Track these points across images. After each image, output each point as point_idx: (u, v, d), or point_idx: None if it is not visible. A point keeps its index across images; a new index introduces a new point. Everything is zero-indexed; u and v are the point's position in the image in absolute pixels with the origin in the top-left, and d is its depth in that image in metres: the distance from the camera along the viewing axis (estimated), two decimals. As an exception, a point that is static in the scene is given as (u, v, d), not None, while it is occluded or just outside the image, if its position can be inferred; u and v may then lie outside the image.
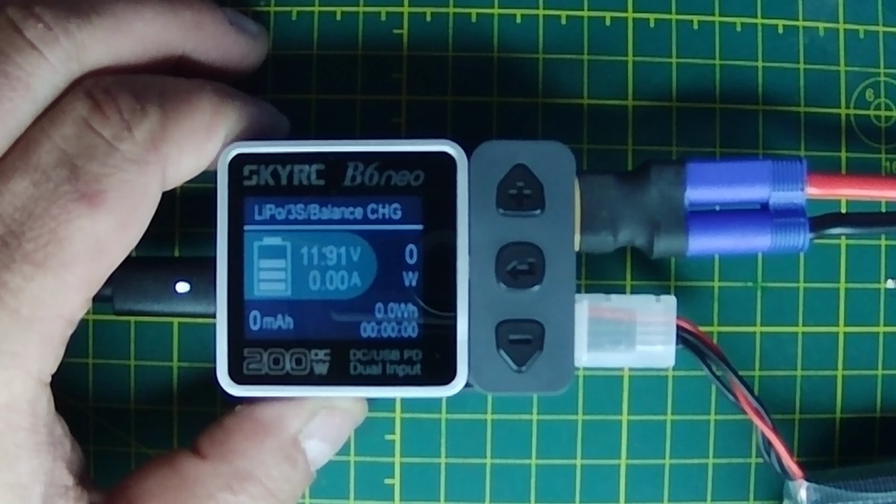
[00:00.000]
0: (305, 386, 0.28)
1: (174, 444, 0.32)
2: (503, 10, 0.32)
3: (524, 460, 0.32)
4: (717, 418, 0.32)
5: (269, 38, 0.32)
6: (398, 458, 0.32)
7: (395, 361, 0.28)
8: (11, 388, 0.26)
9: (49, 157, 0.26)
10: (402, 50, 0.32)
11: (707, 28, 0.32)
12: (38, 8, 0.27)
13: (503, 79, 0.32)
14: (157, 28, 0.28)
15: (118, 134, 0.26)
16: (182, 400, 0.32)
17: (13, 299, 0.26)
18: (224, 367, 0.28)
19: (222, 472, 0.28)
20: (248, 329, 0.28)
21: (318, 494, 0.32)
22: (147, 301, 0.29)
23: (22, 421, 0.26)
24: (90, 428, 0.32)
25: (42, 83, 0.27)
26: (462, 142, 0.28)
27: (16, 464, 0.27)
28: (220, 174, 0.28)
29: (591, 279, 0.32)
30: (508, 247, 0.28)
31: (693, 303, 0.32)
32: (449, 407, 0.32)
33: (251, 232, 0.28)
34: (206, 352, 0.32)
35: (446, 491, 0.32)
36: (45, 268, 0.26)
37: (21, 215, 0.26)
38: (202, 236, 0.31)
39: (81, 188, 0.26)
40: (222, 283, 0.28)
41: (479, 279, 0.28)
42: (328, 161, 0.28)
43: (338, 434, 0.30)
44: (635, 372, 0.32)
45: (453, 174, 0.28)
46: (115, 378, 0.32)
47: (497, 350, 0.28)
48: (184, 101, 0.27)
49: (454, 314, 0.28)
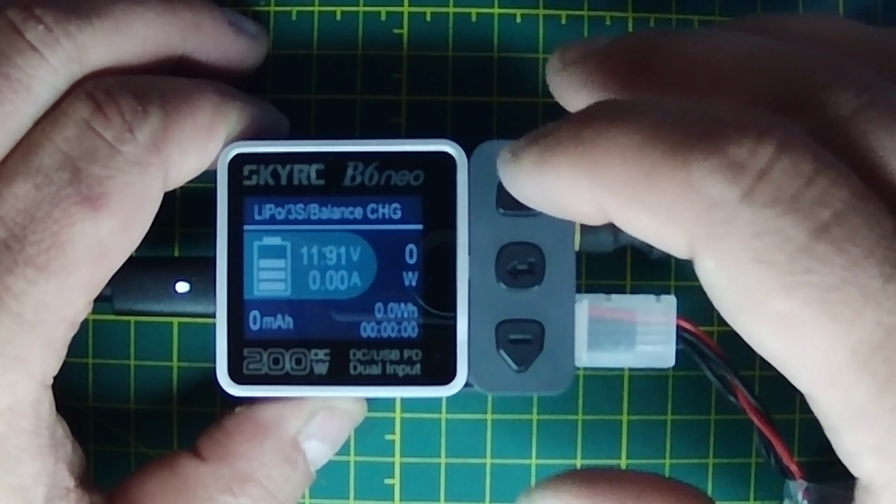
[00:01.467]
0: (305, 386, 0.28)
1: (174, 444, 0.32)
2: (503, 10, 0.32)
3: (524, 460, 0.32)
4: (717, 418, 0.32)
5: (269, 38, 0.32)
6: (398, 458, 0.32)
7: (394, 361, 0.28)
8: (15, 392, 0.26)
9: (51, 159, 0.26)
10: (402, 50, 0.32)
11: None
12: (38, 10, 0.27)
13: (503, 79, 0.32)
14: (157, 29, 0.28)
15: (120, 136, 0.26)
16: (182, 400, 0.32)
17: (16, 303, 0.26)
18: (224, 367, 0.28)
19: (222, 474, 0.28)
20: (248, 329, 0.28)
21: (318, 494, 0.32)
22: (147, 301, 0.29)
23: (25, 424, 0.27)
24: (90, 428, 0.32)
25: (43, 85, 0.27)
26: (462, 142, 0.28)
27: (18, 466, 0.27)
28: (220, 174, 0.28)
29: (591, 279, 0.32)
30: (508, 247, 0.28)
31: (693, 303, 0.31)
32: (449, 407, 0.32)
33: (251, 232, 0.28)
34: (206, 352, 0.32)
35: (446, 491, 0.32)
36: (47, 271, 0.26)
37: (23, 218, 0.26)
38: (202, 236, 0.31)
39: (83, 191, 0.26)
40: (222, 283, 0.28)
41: (479, 279, 0.28)
42: (328, 161, 0.28)
43: (337, 434, 0.30)
44: (635, 372, 0.32)
45: (453, 174, 0.28)
46: (115, 378, 0.32)
47: (497, 350, 0.28)
48: (185, 101, 0.27)
49: (454, 314, 0.28)
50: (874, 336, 0.20)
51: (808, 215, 0.21)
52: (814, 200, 0.21)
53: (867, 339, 0.20)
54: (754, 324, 0.21)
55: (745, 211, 0.21)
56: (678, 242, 0.22)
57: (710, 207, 0.21)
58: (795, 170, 0.21)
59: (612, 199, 0.22)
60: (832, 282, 0.20)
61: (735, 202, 0.21)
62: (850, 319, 0.20)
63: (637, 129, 0.22)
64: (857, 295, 0.20)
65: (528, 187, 0.24)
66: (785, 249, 0.21)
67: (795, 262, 0.21)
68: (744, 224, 0.21)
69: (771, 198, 0.21)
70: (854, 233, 0.21)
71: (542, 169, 0.23)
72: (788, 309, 0.21)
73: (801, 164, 0.21)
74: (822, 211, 0.21)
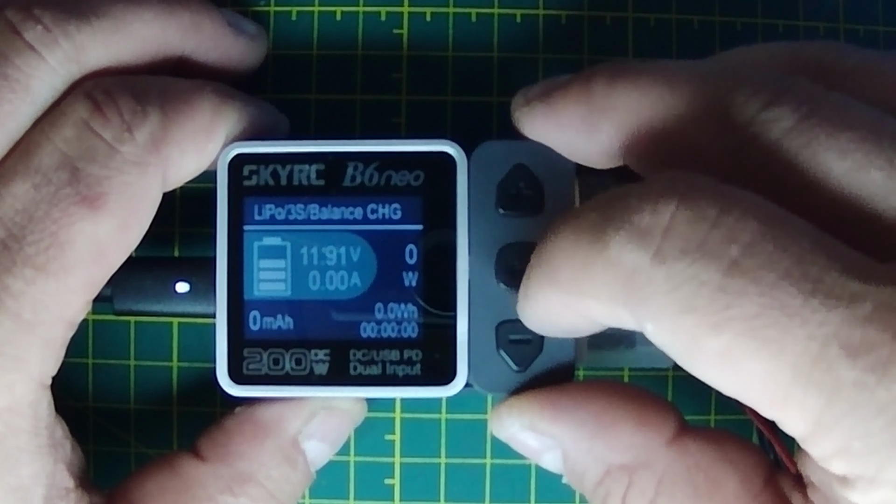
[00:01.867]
0: (305, 386, 0.28)
1: (174, 444, 0.32)
2: (503, 10, 0.32)
3: (524, 460, 0.32)
4: (718, 418, 0.32)
5: (269, 38, 0.32)
6: (398, 458, 0.32)
7: (394, 361, 0.28)
8: (13, 392, 0.26)
9: (49, 159, 0.26)
10: (402, 50, 0.32)
11: (707, 28, 0.32)
12: (37, 10, 0.27)
13: (503, 79, 0.32)
14: (156, 29, 0.28)
15: (119, 136, 0.26)
16: (182, 400, 0.32)
17: (15, 303, 0.26)
18: (224, 367, 0.28)
19: (222, 475, 0.28)
20: (248, 329, 0.28)
21: (318, 494, 0.32)
22: (147, 301, 0.29)
23: (23, 424, 0.27)
24: (90, 428, 0.32)
25: (41, 85, 0.27)
26: (462, 142, 0.28)
27: (17, 467, 0.27)
28: (220, 174, 0.28)
29: (591, 279, 0.32)
30: (508, 247, 0.28)
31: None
32: (449, 407, 0.32)
33: (251, 232, 0.28)
34: (206, 352, 0.32)
35: (446, 491, 0.32)
36: (46, 271, 0.26)
37: (22, 218, 0.26)
38: (202, 236, 0.31)
39: (82, 191, 0.26)
40: (222, 283, 0.28)
41: (479, 279, 0.28)
42: (328, 161, 0.28)
43: (337, 434, 0.30)
44: (635, 372, 0.32)
45: (453, 174, 0.28)
46: (115, 378, 0.32)
47: (497, 350, 0.28)
48: (184, 101, 0.27)
49: (454, 314, 0.28)
50: (808, 350, 0.21)
51: (717, 256, 0.22)
52: (721, 240, 0.22)
53: (803, 354, 0.21)
54: (701, 368, 0.23)
55: (658, 270, 0.22)
56: (626, 317, 0.23)
57: (631, 276, 0.22)
58: (698, 217, 0.22)
59: (571, 299, 0.24)
60: (752, 310, 0.21)
61: (648, 264, 0.22)
62: (779, 340, 0.21)
63: (571, 229, 0.24)
64: (780, 316, 0.21)
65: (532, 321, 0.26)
66: (703, 294, 0.22)
67: (715, 302, 0.22)
68: (661, 282, 0.22)
69: (679, 250, 0.22)
70: (768, 259, 0.22)
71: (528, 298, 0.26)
72: (722, 346, 0.22)
73: (704, 211, 0.22)
74: (731, 248, 0.22)
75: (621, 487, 0.26)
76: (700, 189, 0.22)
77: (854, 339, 0.21)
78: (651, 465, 0.26)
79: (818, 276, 0.21)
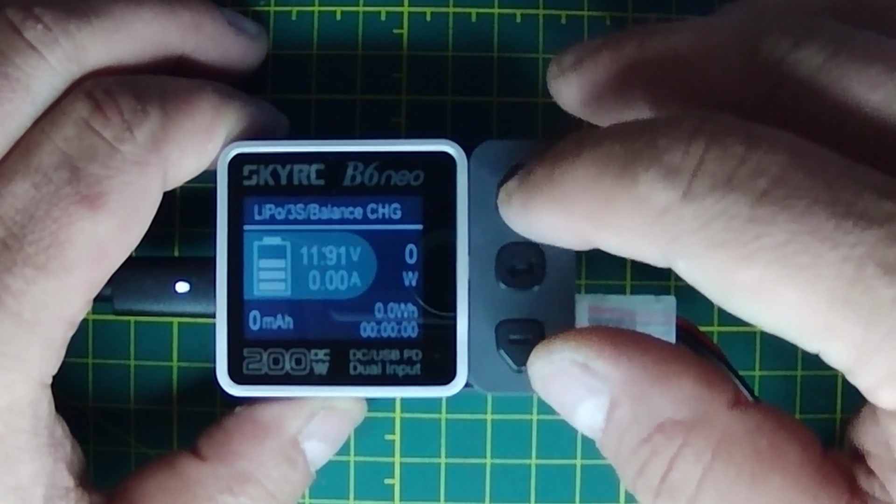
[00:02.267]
0: (305, 386, 0.28)
1: (174, 444, 0.32)
2: (503, 10, 0.32)
3: (524, 460, 0.32)
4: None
5: (270, 38, 0.32)
6: (398, 458, 0.32)
7: (394, 361, 0.28)
8: (13, 391, 0.26)
9: (50, 158, 0.26)
10: (402, 50, 0.32)
11: (707, 28, 0.32)
12: (37, 9, 0.27)
13: (503, 79, 0.32)
14: (156, 29, 0.28)
15: (119, 135, 0.26)
16: (182, 400, 0.32)
17: (15, 302, 0.26)
18: (224, 366, 0.28)
19: (222, 474, 0.28)
20: (248, 329, 0.28)
21: (318, 494, 0.32)
22: (147, 301, 0.29)
23: (23, 423, 0.27)
24: (90, 428, 0.32)
25: (42, 84, 0.27)
26: (462, 142, 0.28)
27: (17, 466, 0.27)
28: (220, 174, 0.28)
29: (591, 279, 0.32)
30: (508, 246, 0.28)
31: (693, 303, 0.31)
32: (449, 407, 0.32)
33: (251, 232, 0.28)
34: (206, 352, 0.32)
35: (446, 491, 0.32)
36: (46, 271, 0.26)
37: (22, 218, 0.26)
38: (202, 236, 0.31)
39: (82, 190, 0.26)
40: (222, 283, 0.28)
41: (479, 279, 0.28)
42: (328, 161, 0.28)
43: (337, 434, 0.30)
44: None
45: (453, 174, 0.28)
46: (115, 378, 0.32)
47: (497, 350, 0.28)
48: (184, 101, 0.27)
49: (454, 314, 0.28)
50: (843, 272, 0.21)
51: (746, 189, 0.22)
52: (749, 174, 0.22)
53: (838, 277, 0.21)
54: (738, 303, 0.22)
55: (688, 207, 0.22)
56: (652, 254, 0.23)
57: (661, 214, 0.22)
58: (727, 155, 0.22)
59: (586, 228, 0.24)
60: (782, 238, 0.21)
61: (678, 202, 0.22)
62: (812, 265, 0.21)
63: (592, 160, 0.23)
64: (812, 241, 0.21)
65: (522, 226, 0.26)
66: (732, 227, 0.22)
67: (745, 234, 0.21)
68: (691, 219, 0.22)
69: (708, 187, 0.22)
70: (797, 188, 0.21)
71: (527, 210, 0.25)
72: (754, 277, 0.22)
73: (732, 148, 0.22)
74: (760, 180, 0.22)
75: (672, 447, 0.24)
76: (729, 127, 0.22)
77: (890, 256, 0.21)
78: (712, 423, 0.24)
79: (850, 200, 0.21)
